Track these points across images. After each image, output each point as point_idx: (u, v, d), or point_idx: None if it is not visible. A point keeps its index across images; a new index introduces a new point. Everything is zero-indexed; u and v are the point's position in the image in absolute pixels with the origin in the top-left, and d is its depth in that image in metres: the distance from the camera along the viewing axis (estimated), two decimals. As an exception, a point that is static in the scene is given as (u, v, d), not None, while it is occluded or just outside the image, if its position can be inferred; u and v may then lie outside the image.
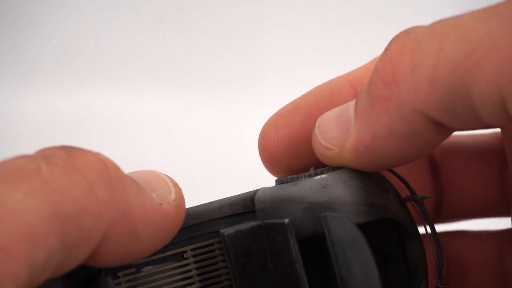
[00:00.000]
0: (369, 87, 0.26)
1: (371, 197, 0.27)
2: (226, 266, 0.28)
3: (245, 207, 0.28)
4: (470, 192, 0.34)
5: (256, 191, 0.29)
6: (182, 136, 0.74)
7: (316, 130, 0.28)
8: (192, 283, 0.28)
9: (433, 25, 0.25)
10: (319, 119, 0.29)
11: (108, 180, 0.23)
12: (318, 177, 0.27)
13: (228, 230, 0.27)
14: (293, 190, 0.27)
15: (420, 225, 0.30)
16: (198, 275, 0.28)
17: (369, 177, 0.28)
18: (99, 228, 0.23)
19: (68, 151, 0.23)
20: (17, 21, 0.79)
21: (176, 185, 0.26)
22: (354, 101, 0.27)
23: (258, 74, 0.78)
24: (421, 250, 0.29)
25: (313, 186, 0.27)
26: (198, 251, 0.28)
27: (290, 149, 0.30)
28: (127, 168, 0.29)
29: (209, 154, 0.70)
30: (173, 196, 0.26)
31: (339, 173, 0.27)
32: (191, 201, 0.28)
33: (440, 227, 0.36)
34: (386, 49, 0.25)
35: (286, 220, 0.26)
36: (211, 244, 0.28)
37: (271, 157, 0.31)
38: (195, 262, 0.28)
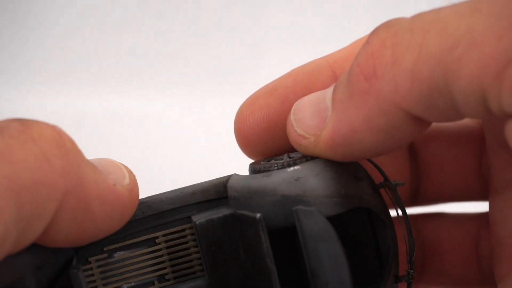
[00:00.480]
0: (349, 79, 0.25)
1: (344, 188, 0.27)
2: (198, 252, 0.28)
3: (217, 193, 0.28)
4: (448, 176, 0.34)
5: (229, 177, 0.29)
6: (181, 133, 0.74)
7: (292, 116, 0.28)
8: (164, 268, 0.28)
9: (415, 18, 0.24)
10: (295, 104, 0.28)
11: (64, 151, 0.23)
12: (291, 169, 0.27)
13: (200, 219, 0.27)
14: (266, 181, 0.27)
15: (393, 209, 0.30)
16: (170, 260, 0.28)
17: (343, 166, 0.28)
18: (54, 199, 0.23)
19: (23, 122, 0.23)
20: (17, 22, 0.79)
21: (130, 172, 0.26)
22: (331, 89, 0.27)
23: (257, 71, 0.78)
24: (392, 236, 0.29)
25: (286, 179, 0.27)
26: (170, 237, 0.28)
27: (266, 132, 0.30)
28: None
29: (207, 151, 0.70)
30: (126, 180, 0.26)
31: (312, 164, 0.27)
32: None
33: (418, 209, 0.36)
34: (367, 42, 0.25)
35: (258, 215, 0.26)
36: (183, 230, 0.28)
37: (246, 139, 0.30)
38: (167, 248, 0.28)
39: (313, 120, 0.27)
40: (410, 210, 0.36)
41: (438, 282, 0.35)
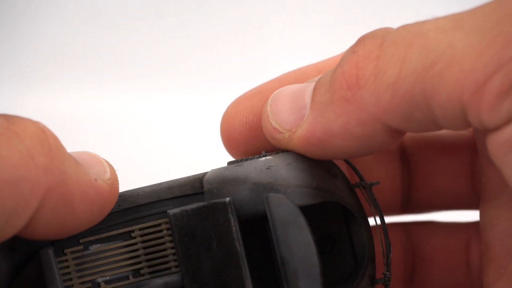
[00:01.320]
0: (332, 84, 0.26)
1: (316, 181, 0.27)
2: (173, 247, 0.28)
3: (193, 188, 0.28)
4: (440, 183, 0.34)
5: (205, 173, 0.29)
6: (178, 134, 0.75)
7: (268, 108, 0.28)
8: (139, 263, 0.28)
9: (399, 31, 0.25)
10: (272, 95, 0.29)
11: (47, 148, 0.24)
12: (263, 158, 0.27)
13: (174, 210, 0.27)
14: (238, 170, 0.27)
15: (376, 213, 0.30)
16: (146, 254, 0.28)
17: (316, 161, 0.28)
18: (36, 194, 0.23)
19: (8, 118, 0.24)
20: (16, 21, 0.80)
21: (111, 167, 0.27)
22: (311, 86, 0.28)
23: (254, 73, 0.78)
24: (368, 236, 0.29)
25: (257, 167, 0.27)
26: (146, 231, 0.28)
27: (249, 132, 0.30)
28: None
29: (204, 153, 0.70)
30: (107, 175, 0.26)
31: (284, 155, 0.28)
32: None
33: (408, 217, 0.36)
34: (354, 51, 0.26)
35: (228, 199, 0.27)
36: (159, 224, 0.28)
37: (230, 139, 0.31)
38: (142, 242, 0.28)
39: (289, 116, 0.27)
40: (401, 218, 0.36)
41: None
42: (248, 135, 0.31)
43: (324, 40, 0.78)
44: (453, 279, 0.34)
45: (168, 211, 0.28)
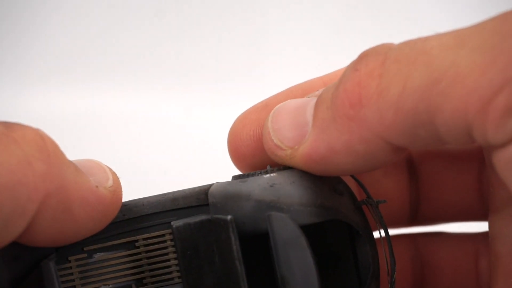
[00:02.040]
0: (334, 101, 0.26)
1: (320, 199, 0.27)
2: (177, 258, 0.28)
3: (198, 200, 0.28)
4: (448, 195, 0.34)
5: (211, 185, 0.29)
6: (180, 135, 0.74)
7: (269, 124, 0.28)
8: (142, 272, 0.28)
9: (402, 47, 0.25)
10: (272, 111, 0.28)
11: (46, 154, 0.24)
12: (267, 175, 0.27)
13: (177, 222, 0.27)
14: (242, 187, 0.27)
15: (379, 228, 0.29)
16: (149, 264, 0.28)
17: (321, 178, 0.28)
18: (34, 200, 0.23)
19: (7, 125, 0.24)
20: (15, 21, 0.79)
21: (114, 174, 0.27)
22: (313, 101, 0.27)
23: (256, 75, 0.78)
24: (373, 254, 0.29)
25: (261, 184, 0.27)
26: (150, 241, 0.28)
27: (256, 145, 0.30)
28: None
29: (206, 153, 0.70)
30: (110, 182, 0.26)
31: (289, 172, 0.27)
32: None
33: (417, 228, 0.36)
34: (355, 69, 0.25)
35: (229, 217, 0.26)
36: (163, 235, 0.28)
37: (237, 152, 0.31)
38: (146, 252, 0.28)
39: (291, 132, 0.27)
40: (410, 230, 0.36)
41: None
42: (255, 148, 0.30)
43: (326, 44, 0.78)
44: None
45: (172, 223, 0.27)
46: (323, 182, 0.27)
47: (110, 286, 0.28)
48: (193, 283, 0.27)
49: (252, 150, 0.30)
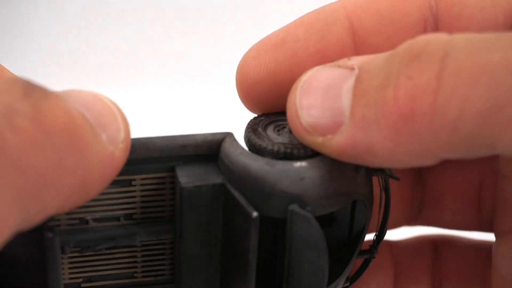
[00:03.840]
0: (380, 104, 0.22)
1: (343, 187, 0.25)
2: (172, 199, 0.26)
3: (209, 149, 0.26)
4: (450, 204, 0.33)
5: (225, 135, 0.26)
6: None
7: (297, 101, 0.25)
8: (134, 208, 0.26)
9: (462, 58, 0.21)
10: (300, 84, 0.25)
11: (75, 144, 0.21)
12: (298, 165, 0.25)
13: (186, 183, 0.25)
14: (268, 171, 0.24)
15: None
16: (142, 202, 0.26)
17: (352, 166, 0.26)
18: (59, 199, 0.21)
19: (34, 102, 0.20)
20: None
21: (124, 118, 0.23)
22: (349, 82, 0.24)
23: None
24: (368, 217, 0.28)
25: (290, 175, 0.24)
26: (147, 181, 0.26)
27: (270, 88, 0.27)
28: None
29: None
30: (122, 135, 0.23)
31: (319, 163, 0.25)
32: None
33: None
34: (408, 76, 0.22)
35: (255, 214, 0.24)
36: (164, 177, 0.26)
37: (249, 93, 0.28)
38: (141, 190, 0.26)
39: (324, 119, 0.24)
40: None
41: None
42: (269, 91, 0.27)
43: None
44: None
45: (181, 183, 0.25)
46: (347, 167, 0.25)
47: (97, 216, 0.26)
48: (189, 237, 0.26)
49: (266, 92, 0.27)
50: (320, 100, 0.24)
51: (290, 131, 0.26)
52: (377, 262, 0.34)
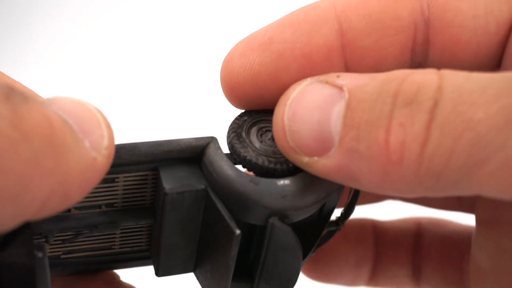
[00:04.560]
0: (370, 143, 0.23)
1: (322, 194, 0.26)
2: (153, 191, 0.27)
3: (193, 153, 0.26)
4: None
5: (209, 140, 0.26)
6: None
7: (285, 120, 0.25)
8: (115, 198, 0.27)
9: (448, 110, 0.22)
10: (288, 103, 0.25)
11: (53, 148, 0.21)
12: (281, 183, 0.25)
13: (169, 189, 0.26)
14: (252, 189, 0.25)
15: None
16: (124, 193, 0.27)
17: None
18: (37, 202, 0.21)
19: (13, 106, 0.20)
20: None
21: (107, 125, 0.23)
22: (339, 107, 0.24)
23: None
24: (337, 200, 0.29)
25: (273, 194, 0.25)
26: (130, 179, 0.27)
27: (255, 87, 0.27)
28: None
29: None
30: (105, 142, 0.23)
31: (301, 179, 0.26)
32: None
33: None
34: (400, 123, 0.23)
35: (237, 232, 0.25)
36: (146, 175, 0.27)
37: (233, 90, 0.27)
38: (124, 185, 0.27)
39: (311, 141, 0.24)
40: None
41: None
42: (253, 90, 0.27)
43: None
44: (446, 274, 0.35)
45: (165, 189, 0.26)
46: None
47: (79, 205, 0.26)
48: (167, 235, 0.27)
49: (250, 91, 0.27)
50: (309, 121, 0.24)
51: (273, 138, 0.26)
52: (359, 238, 0.36)
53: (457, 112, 0.22)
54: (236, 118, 0.28)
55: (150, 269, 0.30)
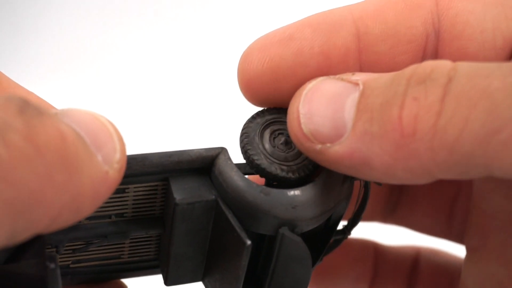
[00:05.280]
0: (383, 121, 0.23)
1: (331, 204, 0.27)
2: (163, 201, 0.27)
3: (203, 163, 0.27)
4: (424, 209, 0.35)
5: (219, 151, 0.27)
6: None
7: (300, 108, 0.25)
8: (126, 208, 0.27)
9: (463, 82, 0.22)
10: (304, 93, 0.26)
11: (66, 162, 0.21)
12: (292, 193, 0.26)
13: (180, 200, 0.26)
14: (263, 200, 0.25)
15: None
16: (134, 203, 0.27)
17: (336, 179, 0.27)
18: (48, 216, 0.21)
19: (27, 120, 0.20)
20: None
21: (120, 139, 0.23)
22: (353, 97, 0.25)
23: None
24: (345, 209, 0.29)
25: (284, 204, 0.25)
26: (140, 189, 0.27)
27: (273, 81, 0.27)
28: None
29: None
30: (117, 155, 0.23)
31: (312, 189, 0.26)
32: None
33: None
34: (414, 98, 0.23)
35: (248, 242, 0.25)
36: (156, 185, 0.27)
37: (251, 86, 0.28)
38: (134, 196, 0.27)
39: (325, 128, 0.25)
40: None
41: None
42: (271, 85, 0.27)
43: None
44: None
45: (175, 199, 0.26)
46: (336, 183, 0.27)
47: (91, 215, 0.26)
48: (177, 245, 0.27)
49: (268, 86, 0.27)
50: (324, 109, 0.25)
51: (286, 142, 0.27)
52: (359, 257, 0.36)
53: (473, 83, 0.22)
54: (249, 120, 0.28)
55: (159, 278, 0.30)
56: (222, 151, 0.27)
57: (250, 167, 0.27)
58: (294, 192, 0.26)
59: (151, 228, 0.28)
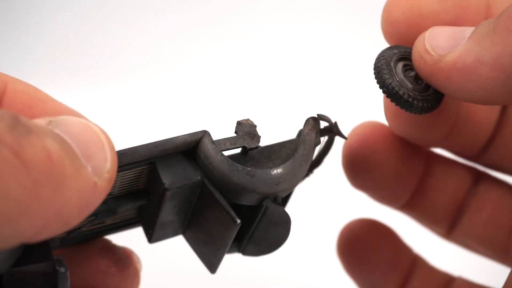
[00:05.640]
0: (498, 17, 0.26)
1: (307, 169, 0.29)
2: (148, 180, 0.29)
3: (187, 148, 0.28)
4: (441, 198, 0.36)
5: (202, 134, 0.28)
6: None
7: (427, 33, 0.29)
8: (112, 188, 0.28)
9: None
10: (433, 27, 0.29)
11: (52, 178, 0.21)
12: (275, 172, 0.28)
13: (169, 184, 0.27)
14: (248, 181, 0.27)
15: None
16: (120, 184, 0.28)
17: (311, 149, 0.29)
18: (33, 228, 0.22)
19: (16, 135, 0.21)
20: None
21: (111, 148, 0.24)
22: (472, 28, 0.28)
23: None
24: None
25: (268, 183, 0.28)
26: (127, 174, 0.28)
27: (416, 19, 0.31)
28: None
29: None
30: (108, 165, 0.24)
31: (293, 164, 0.28)
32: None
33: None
34: None
35: (239, 221, 0.27)
36: (142, 169, 0.28)
37: (394, 25, 0.31)
38: (121, 179, 0.28)
39: (445, 42, 0.28)
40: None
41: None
42: (415, 28, 0.31)
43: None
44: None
45: (165, 184, 0.27)
46: (311, 151, 0.29)
47: None
48: (163, 216, 0.29)
49: (409, 24, 0.31)
50: (446, 33, 0.29)
51: (415, 76, 0.29)
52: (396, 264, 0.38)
53: None
54: (387, 48, 0.30)
55: (140, 231, 0.32)
56: (205, 134, 0.28)
57: (380, 86, 0.29)
58: (277, 171, 0.28)
59: (137, 201, 0.29)
